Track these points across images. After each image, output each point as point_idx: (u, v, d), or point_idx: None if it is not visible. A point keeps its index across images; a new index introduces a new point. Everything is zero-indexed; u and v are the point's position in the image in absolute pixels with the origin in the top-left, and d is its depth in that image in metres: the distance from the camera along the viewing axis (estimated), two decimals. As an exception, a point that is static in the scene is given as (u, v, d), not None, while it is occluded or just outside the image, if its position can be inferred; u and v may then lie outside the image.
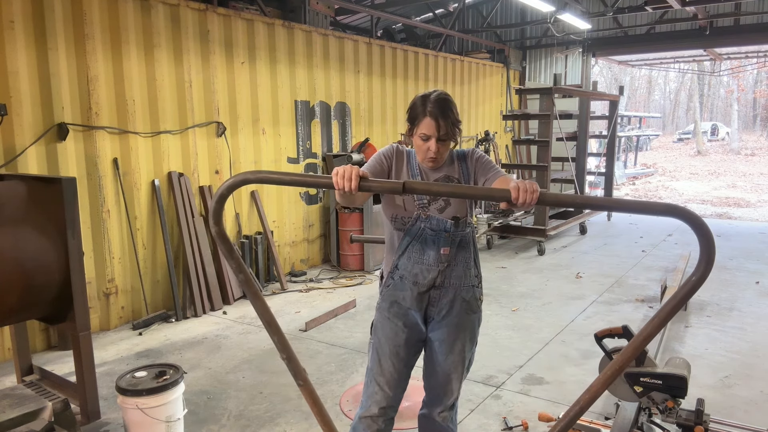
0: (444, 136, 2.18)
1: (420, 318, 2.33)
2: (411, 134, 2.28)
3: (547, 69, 12.03)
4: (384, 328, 2.34)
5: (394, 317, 2.32)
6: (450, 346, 2.34)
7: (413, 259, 2.27)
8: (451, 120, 2.19)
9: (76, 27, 4.66)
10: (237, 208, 6.15)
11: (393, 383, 2.33)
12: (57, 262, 3.24)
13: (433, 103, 2.17)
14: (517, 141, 9.20)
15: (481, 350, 4.47)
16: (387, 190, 1.98)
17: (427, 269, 2.26)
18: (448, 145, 2.25)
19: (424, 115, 2.18)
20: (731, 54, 15.84)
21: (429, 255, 2.25)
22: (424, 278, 2.27)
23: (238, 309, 5.59)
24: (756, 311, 5.31)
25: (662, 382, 2.81)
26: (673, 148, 32.13)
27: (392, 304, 2.33)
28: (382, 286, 2.39)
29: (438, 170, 2.31)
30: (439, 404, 2.41)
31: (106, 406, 3.57)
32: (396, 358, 2.32)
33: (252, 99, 6.23)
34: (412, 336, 2.34)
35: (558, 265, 7.16)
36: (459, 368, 2.37)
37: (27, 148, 4.39)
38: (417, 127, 2.21)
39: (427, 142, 2.21)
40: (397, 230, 2.29)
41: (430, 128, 2.17)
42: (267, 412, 3.54)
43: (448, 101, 2.20)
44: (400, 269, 2.30)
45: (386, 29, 10.93)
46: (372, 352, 2.39)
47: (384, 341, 2.33)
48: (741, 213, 11.87)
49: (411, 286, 2.29)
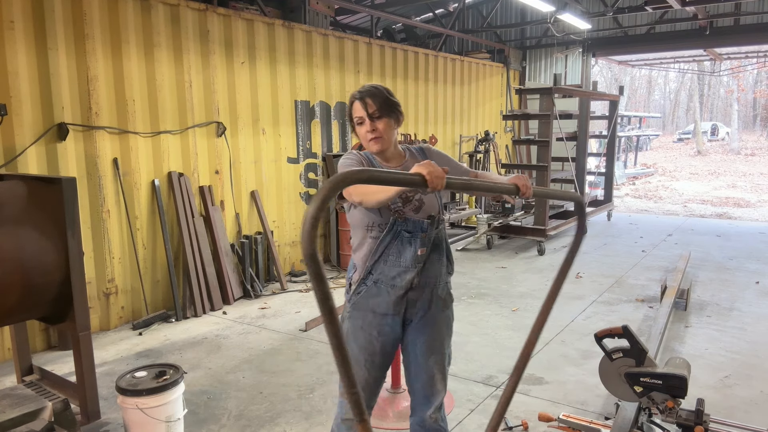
0: (376, 113, 2.19)
1: (398, 322, 2.31)
2: (354, 131, 2.31)
3: (547, 69, 12.03)
4: (357, 339, 2.31)
5: (367, 326, 2.29)
6: (431, 346, 2.35)
7: (390, 263, 2.24)
8: (381, 98, 2.20)
9: (76, 27, 4.66)
10: (237, 208, 6.15)
11: (369, 389, 2.34)
12: (57, 262, 3.24)
13: (360, 90, 2.24)
14: (517, 141, 9.20)
15: (481, 350, 4.49)
16: (458, 187, 1.98)
17: (404, 271, 2.24)
18: (387, 124, 2.22)
19: (353, 102, 2.24)
20: (731, 54, 15.83)
21: (406, 257, 2.23)
22: (402, 280, 2.24)
23: (238, 309, 5.60)
24: (756, 311, 5.31)
25: (662, 382, 2.81)
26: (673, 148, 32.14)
27: (365, 314, 2.29)
28: (350, 294, 2.33)
29: (400, 167, 2.30)
30: (428, 406, 2.41)
31: (106, 406, 3.57)
32: (371, 365, 2.32)
33: (252, 99, 6.23)
34: (387, 343, 2.33)
35: (558, 265, 7.13)
36: (442, 366, 2.39)
37: (27, 148, 4.39)
38: (352, 116, 2.25)
39: (362, 126, 2.22)
40: (372, 238, 2.24)
41: (360, 109, 2.21)
42: (267, 412, 3.54)
43: (376, 86, 2.25)
44: (375, 274, 2.25)
45: (386, 29, 10.93)
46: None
47: (358, 351, 2.30)
48: (741, 213, 11.87)
49: (388, 290, 2.25)
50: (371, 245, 2.24)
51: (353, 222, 2.30)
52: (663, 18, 10.44)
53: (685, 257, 6.55)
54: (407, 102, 8.76)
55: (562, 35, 11.17)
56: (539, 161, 8.17)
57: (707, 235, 8.98)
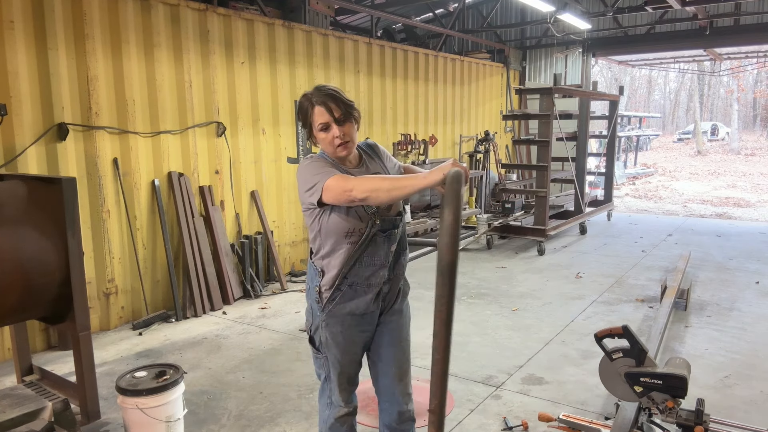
0: (341, 117, 2.15)
1: (376, 316, 2.35)
2: (313, 137, 2.23)
3: (547, 69, 12.03)
4: (339, 344, 2.30)
5: (347, 330, 2.29)
6: (399, 335, 2.41)
7: (365, 263, 2.22)
8: (342, 101, 2.16)
9: (76, 27, 4.66)
10: (237, 208, 6.15)
11: (355, 381, 2.43)
12: (57, 262, 3.24)
13: (315, 94, 2.17)
14: (517, 141, 9.19)
15: (481, 350, 4.49)
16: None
17: (379, 268, 2.26)
18: (351, 127, 2.18)
19: (313, 106, 2.16)
20: (731, 54, 15.84)
21: (380, 255, 2.24)
22: (377, 278, 2.26)
23: (238, 309, 5.59)
24: (756, 311, 5.31)
25: (662, 382, 2.82)
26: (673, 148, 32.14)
27: (343, 318, 2.27)
28: (323, 303, 2.26)
29: (360, 167, 2.29)
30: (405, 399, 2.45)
31: (106, 406, 3.57)
32: (356, 363, 2.40)
33: (252, 99, 6.23)
34: (368, 337, 2.38)
35: (558, 265, 7.16)
36: (408, 353, 2.46)
37: (27, 148, 4.39)
38: (312, 122, 2.18)
39: (329, 132, 2.15)
40: (351, 243, 2.19)
41: (324, 114, 2.14)
42: (267, 412, 3.54)
43: (331, 87, 2.20)
44: (350, 278, 2.22)
45: (386, 29, 10.93)
46: (330, 367, 2.34)
47: (341, 355, 2.32)
48: (741, 213, 11.86)
49: (365, 290, 2.25)
50: (349, 251, 2.19)
51: (328, 228, 2.19)
52: (663, 18, 10.44)
53: (685, 257, 6.55)
54: (407, 102, 8.76)
55: (562, 35, 11.18)
56: (539, 161, 8.16)
57: (707, 235, 8.98)
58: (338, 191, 2.02)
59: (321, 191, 2.06)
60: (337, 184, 2.03)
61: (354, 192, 1.99)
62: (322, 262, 2.26)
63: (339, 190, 2.02)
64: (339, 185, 2.02)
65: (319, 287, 2.27)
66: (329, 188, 2.04)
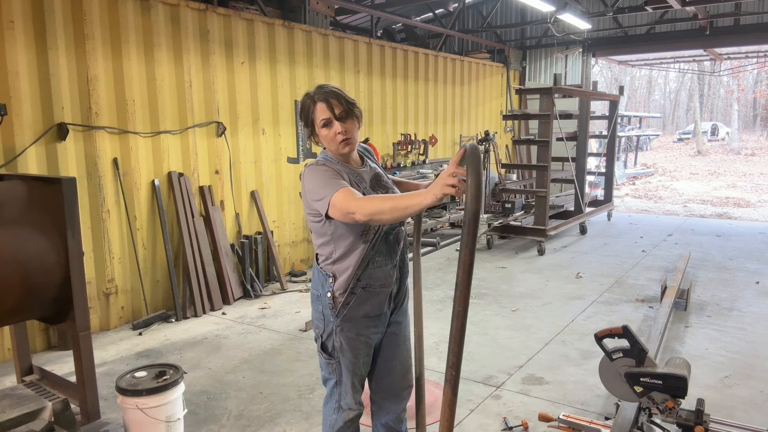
0: (342, 114, 2.17)
1: (389, 315, 2.37)
2: (315, 135, 2.24)
3: (547, 69, 12.03)
4: (354, 348, 2.28)
5: (363, 332, 2.28)
6: (405, 335, 2.43)
7: (377, 264, 2.22)
8: (344, 99, 2.19)
9: (76, 27, 4.66)
10: (237, 208, 6.15)
11: (364, 382, 2.43)
12: (57, 262, 3.24)
13: (317, 91, 2.20)
14: (517, 141, 9.19)
15: (481, 350, 4.48)
16: None
17: (392, 268, 2.28)
18: (353, 124, 2.20)
19: (315, 104, 2.19)
20: (731, 54, 15.83)
21: (390, 255, 2.26)
22: (390, 278, 2.28)
23: (237, 309, 5.59)
24: (756, 311, 5.31)
25: (662, 382, 2.81)
26: (673, 148, 32.14)
27: (358, 321, 2.25)
28: (338, 308, 2.23)
29: (364, 166, 2.32)
30: (401, 401, 2.46)
31: (106, 406, 3.57)
32: (368, 365, 2.40)
33: (252, 99, 6.23)
34: (380, 338, 2.39)
35: (558, 265, 7.16)
36: (410, 351, 2.47)
37: (27, 148, 4.39)
38: (314, 119, 2.20)
39: (331, 128, 2.18)
40: (366, 242, 2.18)
41: (325, 111, 2.17)
42: (267, 412, 3.54)
43: (332, 86, 2.22)
44: (363, 280, 2.21)
45: (386, 29, 10.93)
46: (342, 371, 2.31)
47: (356, 358, 2.30)
48: (741, 213, 11.86)
49: (379, 290, 2.26)
50: (363, 250, 2.19)
51: (338, 232, 2.18)
52: (663, 18, 10.44)
53: (685, 257, 6.55)
54: (407, 102, 8.76)
55: (562, 35, 11.17)
56: (539, 161, 8.16)
57: (707, 235, 8.98)
58: (342, 212, 2.01)
59: (328, 206, 2.05)
60: (341, 204, 2.00)
61: (356, 215, 1.98)
62: (333, 267, 2.24)
63: (343, 211, 2.00)
64: (343, 206, 2.00)
65: (332, 292, 2.23)
66: (334, 206, 2.03)
